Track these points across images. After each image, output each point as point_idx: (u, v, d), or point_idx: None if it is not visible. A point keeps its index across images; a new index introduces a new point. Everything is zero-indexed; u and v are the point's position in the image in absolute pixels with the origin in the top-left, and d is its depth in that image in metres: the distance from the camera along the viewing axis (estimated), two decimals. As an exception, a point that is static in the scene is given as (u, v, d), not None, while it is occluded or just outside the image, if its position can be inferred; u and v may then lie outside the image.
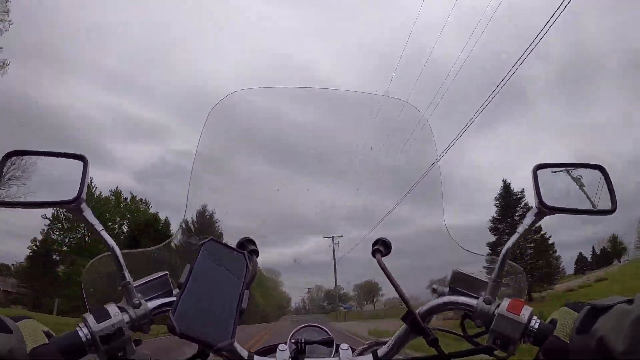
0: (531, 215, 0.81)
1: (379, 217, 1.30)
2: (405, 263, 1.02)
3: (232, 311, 0.65)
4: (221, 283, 0.68)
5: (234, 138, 1.13)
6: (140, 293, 0.75)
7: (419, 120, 1.08)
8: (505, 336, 0.73)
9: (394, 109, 1.10)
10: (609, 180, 0.85)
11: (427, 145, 1.07)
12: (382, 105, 1.12)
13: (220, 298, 0.66)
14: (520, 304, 0.74)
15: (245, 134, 1.14)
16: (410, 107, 1.08)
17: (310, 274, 2.37)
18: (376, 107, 1.08)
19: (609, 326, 0.61)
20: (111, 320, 0.69)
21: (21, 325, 0.63)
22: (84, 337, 0.68)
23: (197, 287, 0.65)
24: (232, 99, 1.01)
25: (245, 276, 0.72)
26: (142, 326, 0.74)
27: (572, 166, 0.87)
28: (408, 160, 1.17)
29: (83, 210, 0.75)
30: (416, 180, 1.18)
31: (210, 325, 0.61)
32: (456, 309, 0.81)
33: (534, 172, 0.82)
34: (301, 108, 1.12)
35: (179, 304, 0.61)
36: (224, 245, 0.74)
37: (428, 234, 1.21)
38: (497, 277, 0.79)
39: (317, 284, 33.09)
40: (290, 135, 1.22)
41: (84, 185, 0.75)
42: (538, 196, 0.80)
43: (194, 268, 0.67)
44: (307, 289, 28.36)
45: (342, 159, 1.18)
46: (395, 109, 1.10)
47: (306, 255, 1.61)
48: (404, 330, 0.80)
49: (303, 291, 29.16)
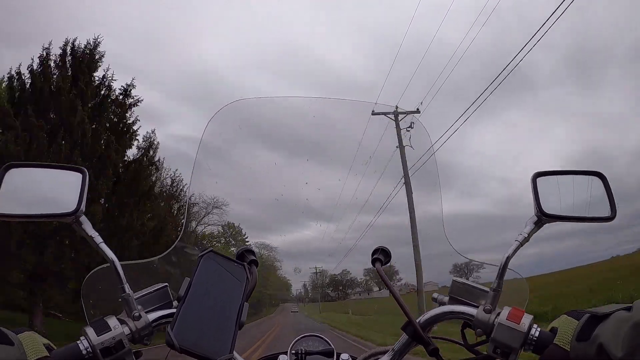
0: (530, 223, 0.81)
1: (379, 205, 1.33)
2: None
3: (232, 324, 0.65)
4: (220, 295, 0.68)
5: (234, 143, 1.14)
6: (140, 305, 0.75)
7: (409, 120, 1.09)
8: (506, 345, 0.73)
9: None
10: (609, 187, 0.85)
11: (422, 142, 1.08)
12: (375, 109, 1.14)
13: (219, 311, 0.66)
14: (520, 313, 0.74)
15: (246, 138, 1.15)
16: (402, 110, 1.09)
17: (313, 262, 2.40)
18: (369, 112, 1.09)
19: (608, 333, 0.62)
20: (111, 333, 0.69)
21: (22, 337, 0.63)
22: (84, 350, 0.68)
23: (196, 300, 0.65)
24: (232, 108, 1.01)
25: (245, 288, 0.72)
26: (143, 338, 0.74)
27: (571, 173, 0.87)
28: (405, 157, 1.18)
29: (82, 222, 0.75)
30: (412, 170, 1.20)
31: (209, 339, 0.61)
32: (456, 318, 0.81)
33: (533, 180, 0.82)
34: (300, 114, 1.13)
35: (177, 318, 0.61)
36: (223, 257, 0.74)
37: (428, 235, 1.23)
38: (497, 286, 0.78)
39: (321, 269, 33.07)
40: (290, 140, 1.23)
41: (83, 197, 0.75)
42: (537, 204, 0.80)
43: (193, 280, 0.67)
44: (310, 273, 28.54)
45: (341, 155, 1.20)
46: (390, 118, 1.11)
47: (307, 243, 1.63)
48: (404, 339, 0.80)
49: (304, 276, 29.20)
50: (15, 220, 0.77)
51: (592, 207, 0.85)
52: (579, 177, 0.87)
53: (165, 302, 0.78)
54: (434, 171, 1.10)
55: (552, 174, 0.85)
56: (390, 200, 1.38)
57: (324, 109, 1.11)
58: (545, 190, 0.82)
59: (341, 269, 10.62)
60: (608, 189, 0.84)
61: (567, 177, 0.87)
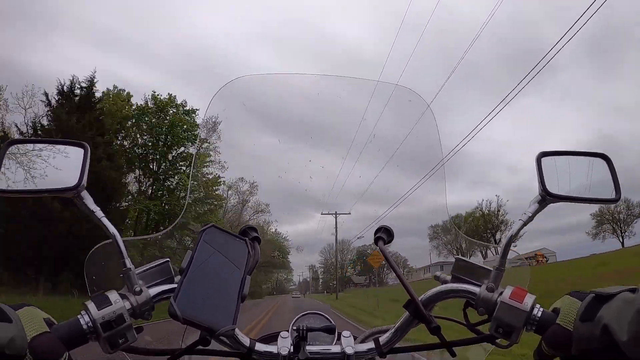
0: (534, 203, 0.80)
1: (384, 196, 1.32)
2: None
3: (234, 297, 0.65)
4: (222, 269, 0.68)
5: (238, 119, 1.13)
6: (141, 280, 0.75)
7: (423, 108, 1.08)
8: (508, 324, 0.73)
9: (401, 96, 1.10)
10: (613, 169, 0.84)
11: (430, 133, 1.07)
12: (390, 92, 1.13)
13: (221, 284, 0.66)
14: (523, 292, 0.74)
15: (250, 115, 1.15)
16: (415, 94, 1.07)
17: (317, 252, 2.44)
18: (383, 94, 1.08)
19: (613, 314, 0.61)
20: (112, 307, 0.69)
21: (21, 313, 0.62)
22: (85, 325, 0.67)
23: (198, 273, 0.65)
24: (236, 84, 1.00)
25: (247, 262, 0.72)
26: (144, 313, 0.74)
27: (577, 154, 0.87)
28: (412, 146, 1.18)
29: (84, 197, 0.75)
30: (421, 178, 1.19)
31: (211, 311, 0.61)
32: (459, 296, 0.80)
33: (538, 160, 0.81)
34: (305, 92, 1.12)
35: (180, 289, 0.61)
36: (225, 232, 0.74)
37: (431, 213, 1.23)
38: (500, 265, 0.78)
39: (322, 260, 33.32)
40: (294, 118, 1.22)
41: (84, 172, 0.75)
42: (542, 184, 0.79)
43: (195, 254, 0.67)
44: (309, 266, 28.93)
45: (345, 140, 1.20)
46: (401, 95, 1.10)
47: (310, 234, 1.65)
48: (406, 317, 0.79)
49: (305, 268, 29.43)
50: (17, 195, 0.77)
51: (596, 189, 0.85)
52: (583, 159, 0.87)
53: (167, 277, 0.78)
54: (438, 155, 1.10)
55: (557, 154, 0.84)
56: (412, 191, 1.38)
57: (328, 86, 1.09)
58: (549, 170, 0.81)
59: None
60: (613, 170, 0.84)
61: (572, 158, 0.86)
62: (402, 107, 1.11)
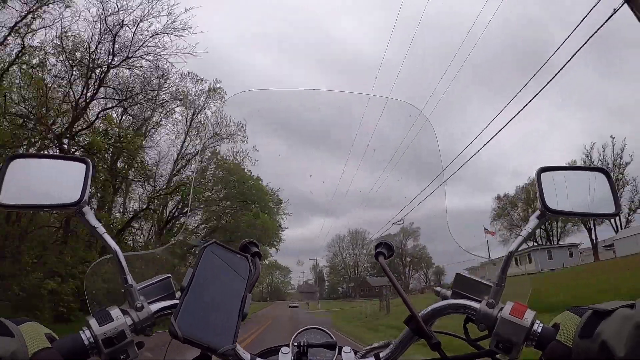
0: (534, 218, 0.81)
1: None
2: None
3: (234, 315, 0.65)
4: (224, 286, 0.68)
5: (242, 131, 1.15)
6: (142, 296, 0.75)
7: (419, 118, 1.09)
8: (508, 340, 0.73)
9: (397, 109, 1.11)
10: (613, 183, 0.85)
11: (429, 143, 1.07)
12: (385, 105, 1.14)
13: (222, 302, 0.66)
14: (523, 308, 0.74)
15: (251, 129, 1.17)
16: (411, 106, 1.08)
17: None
18: (379, 108, 1.09)
19: (611, 331, 0.62)
20: (114, 324, 0.69)
21: (23, 328, 0.62)
22: (87, 341, 0.68)
23: (199, 291, 0.65)
24: (239, 97, 1.01)
25: (249, 279, 0.72)
26: (145, 329, 0.74)
27: (576, 169, 0.87)
28: (411, 154, 1.19)
29: (85, 213, 0.75)
30: (423, 189, 1.20)
31: (212, 329, 0.61)
32: (459, 312, 0.80)
33: (538, 175, 0.82)
34: (308, 108, 1.13)
35: (181, 308, 0.61)
36: (226, 248, 0.74)
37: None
38: (500, 281, 0.78)
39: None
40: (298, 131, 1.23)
41: (86, 188, 0.75)
42: (542, 199, 0.80)
43: (196, 271, 0.67)
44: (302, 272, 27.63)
45: (345, 151, 1.21)
46: (398, 108, 1.11)
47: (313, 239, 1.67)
48: (407, 333, 0.79)
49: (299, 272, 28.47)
50: (19, 210, 0.78)
51: (595, 203, 0.86)
52: (583, 173, 0.87)
53: (168, 293, 0.78)
54: (438, 163, 1.10)
55: (556, 170, 0.85)
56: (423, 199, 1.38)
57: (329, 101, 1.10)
58: (549, 186, 0.81)
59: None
60: (612, 185, 0.85)
61: (572, 173, 0.87)
62: (400, 119, 1.12)
